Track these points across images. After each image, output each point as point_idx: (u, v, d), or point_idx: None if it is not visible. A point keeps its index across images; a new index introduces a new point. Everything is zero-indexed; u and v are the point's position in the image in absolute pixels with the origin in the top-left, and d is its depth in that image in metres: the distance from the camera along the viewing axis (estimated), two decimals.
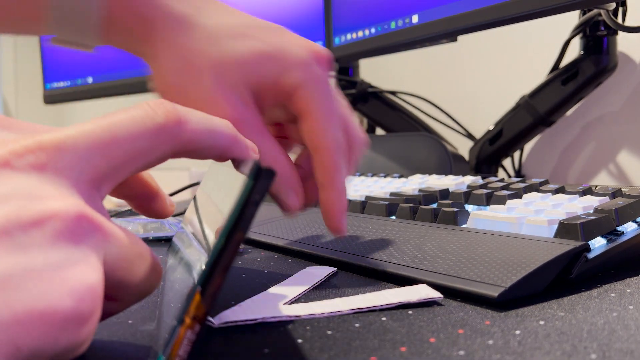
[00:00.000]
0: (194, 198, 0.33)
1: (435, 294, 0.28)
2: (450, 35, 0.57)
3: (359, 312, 0.26)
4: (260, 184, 0.19)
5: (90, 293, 0.17)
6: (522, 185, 0.44)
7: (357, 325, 0.25)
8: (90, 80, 0.93)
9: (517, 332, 0.23)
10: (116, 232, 0.19)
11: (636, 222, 0.35)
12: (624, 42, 0.64)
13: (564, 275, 0.30)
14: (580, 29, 0.61)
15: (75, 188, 0.18)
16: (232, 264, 0.19)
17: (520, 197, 0.42)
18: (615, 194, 0.38)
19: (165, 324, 0.22)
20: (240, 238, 0.19)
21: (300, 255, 0.39)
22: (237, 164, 0.23)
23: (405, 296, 0.27)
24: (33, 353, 0.15)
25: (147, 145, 0.20)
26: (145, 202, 0.29)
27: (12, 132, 0.20)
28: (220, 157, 0.23)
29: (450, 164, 0.66)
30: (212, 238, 0.20)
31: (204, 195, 0.29)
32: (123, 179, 0.20)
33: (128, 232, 0.20)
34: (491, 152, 0.69)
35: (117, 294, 0.20)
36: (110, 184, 0.20)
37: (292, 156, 0.35)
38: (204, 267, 0.19)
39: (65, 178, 0.18)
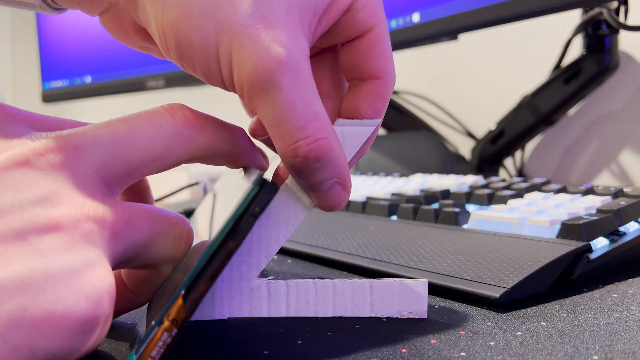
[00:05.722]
0: (207, 198, 0.33)
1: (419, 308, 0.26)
2: (451, 34, 0.57)
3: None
4: (261, 196, 0.19)
5: (106, 296, 0.17)
6: (523, 185, 0.44)
7: (357, 326, 0.25)
8: (88, 79, 0.93)
9: (519, 333, 0.23)
10: (132, 223, 0.19)
11: (638, 222, 0.34)
12: (626, 41, 0.64)
13: (566, 276, 0.30)
14: (581, 28, 0.61)
15: (91, 189, 0.19)
16: (220, 273, 0.19)
17: (522, 197, 0.42)
18: (618, 194, 0.38)
19: (146, 323, 0.22)
20: (233, 248, 0.19)
21: (300, 256, 0.39)
22: (245, 170, 0.23)
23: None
24: (48, 357, 0.16)
25: (163, 149, 0.20)
26: (134, 200, 0.28)
27: (33, 127, 0.20)
28: (232, 164, 0.23)
29: (451, 163, 0.66)
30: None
31: (214, 198, 0.29)
32: (136, 180, 0.21)
33: (145, 212, 0.20)
34: (493, 151, 0.68)
35: (152, 267, 0.21)
36: (123, 185, 0.20)
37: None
38: (190, 271, 0.19)
39: (82, 179, 0.18)
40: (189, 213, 0.60)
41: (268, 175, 0.24)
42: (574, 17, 0.64)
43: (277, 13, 0.21)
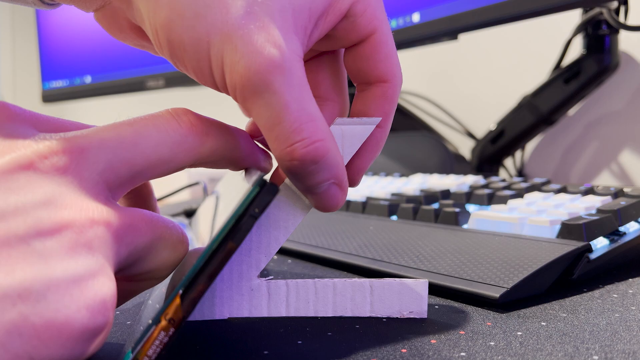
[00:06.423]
0: (209, 198, 0.33)
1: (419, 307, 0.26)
2: (451, 34, 0.57)
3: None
4: (261, 198, 0.19)
5: (108, 305, 0.17)
6: (524, 185, 0.44)
7: (357, 326, 0.25)
8: (88, 79, 0.93)
9: (519, 333, 0.23)
10: (134, 227, 0.19)
11: (638, 222, 0.34)
12: (626, 41, 0.64)
13: (566, 276, 0.30)
14: (581, 28, 0.61)
15: (95, 192, 0.19)
16: (219, 273, 0.19)
17: (522, 197, 0.41)
18: (618, 194, 0.38)
19: (143, 322, 0.22)
20: (232, 249, 0.19)
21: (300, 256, 0.39)
22: (247, 172, 0.23)
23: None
24: None
25: (168, 154, 0.20)
26: (137, 203, 0.28)
27: (37, 127, 0.20)
28: (234, 167, 0.23)
29: (451, 163, 0.66)
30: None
31: (216, 199, 0.29)
32: (138, 184, 0.21)
33: (145, 217, 0.20)
34: (493, 151, 0.68)
35: (146, 275, 0.21)
36: (126, 189, 0.20)
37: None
38: (189, 271, 0.19)
39: (85, 182, 0.18)
40: (189, 213, 0.60)
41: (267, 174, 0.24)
42: (574, 17, 0.64)
43: (270, 14, 0.21)
